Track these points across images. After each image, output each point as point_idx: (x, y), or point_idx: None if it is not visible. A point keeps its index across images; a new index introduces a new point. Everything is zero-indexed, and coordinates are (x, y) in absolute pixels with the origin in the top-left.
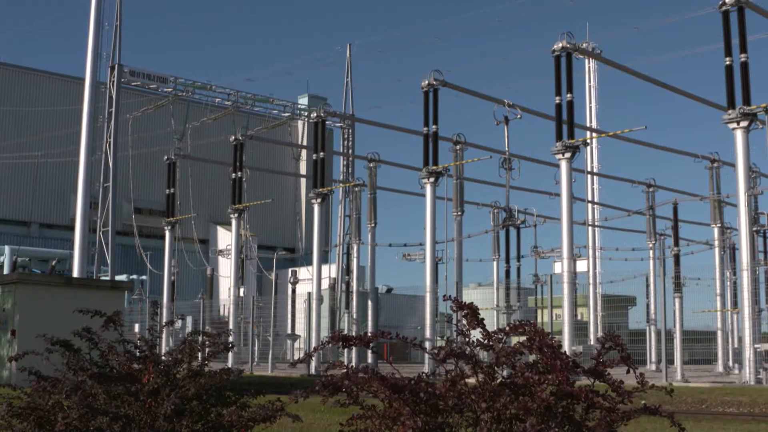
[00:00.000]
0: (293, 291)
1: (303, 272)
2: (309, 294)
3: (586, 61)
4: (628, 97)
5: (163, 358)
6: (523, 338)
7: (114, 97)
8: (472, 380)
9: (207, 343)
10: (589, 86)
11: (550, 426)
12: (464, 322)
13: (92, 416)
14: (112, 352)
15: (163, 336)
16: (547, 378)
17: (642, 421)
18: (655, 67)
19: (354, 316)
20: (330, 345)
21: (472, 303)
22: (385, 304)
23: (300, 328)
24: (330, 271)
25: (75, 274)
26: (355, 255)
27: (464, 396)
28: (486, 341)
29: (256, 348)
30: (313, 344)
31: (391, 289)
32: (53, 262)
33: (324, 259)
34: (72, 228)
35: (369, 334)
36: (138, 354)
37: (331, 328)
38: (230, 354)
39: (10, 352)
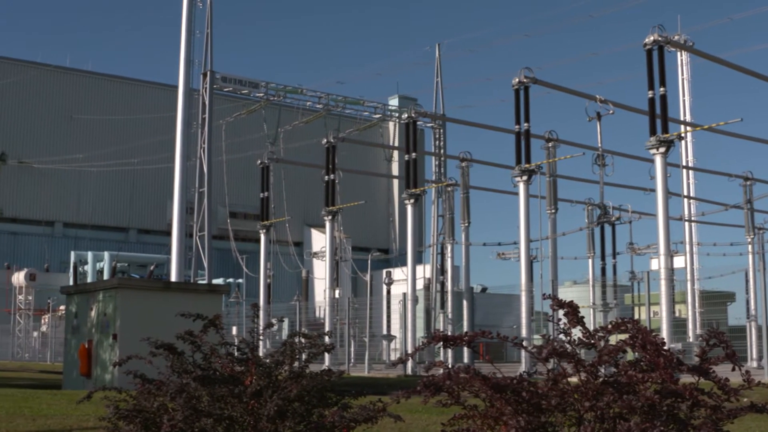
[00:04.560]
0: (388, 292)
1: (397, 273)
2: (404, 294)
3: (679, 53)
4: (723, 89)
5: (265, 360)
6: (621, 336)
7: (207, 103)
8: (573, 379)
9: (306, 344)
10: (682, 79)
11: (655, 425)
12: (564, 320)
13: (196, 418)
14: (214, 355)
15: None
16: (651, 376)
17: (746, 419)
18: (750, 58)
19: (449, 316)
20: (430, 345)
21: (572, 301)
22: (480, 304)
23: (395, 329)
24: (424, 271)
25: (173, 278)
26: (449, 255)
27: (567, 395)
28: (588, 339)
29: (352, 349)
30: (409, 345)
31: (485, 289)
32: (151, 267)
33: (418, 259)
34: (169, 233)
35: (468, 334)
36: (240, 356)
37: (427, 329)
38: (326, 355)
39: (112, 356)
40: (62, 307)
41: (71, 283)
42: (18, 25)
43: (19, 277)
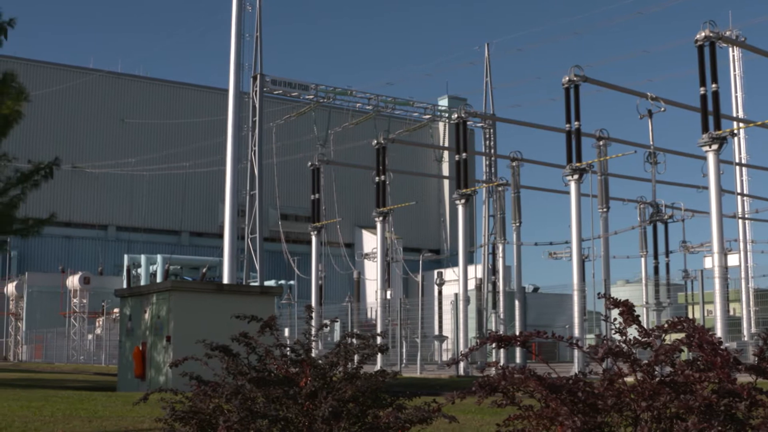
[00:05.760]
0: (439, 292)
1: (449, 273)
2: (455, 295)
3: (730, 49)
4: None
5: (320, 361)
6: (675, 336)
7: (257, 106)
8: (629, 379)
9: (360, 345)
10: (734, 75)
11: (713, 425)
12: (620, 320)
13: (252, 419)
14: (269, 356)
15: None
16: (708, 376)
17: None
18: None
19: (501, 316)
20: (484, 345)
21: (627, 300)
22: (532, 304)
23: (447, 329)
24: (476, 271)
25: (225, 280)
26: (501, 255)
27: (623, 395)
28: (644, 339)
29: (404, 350)
30: (461, 345)
31: (537, 288)
32: (204, 270)
33: (469, 259)
34: (221, 236)
35: (523, 334)
36: (294, 357)
37: (479, 329)
38: (379, 356)
39: (165, 358)
40: (116, 310)
41: (125, 286)
42: (71, 32)
43: (73, 281)
